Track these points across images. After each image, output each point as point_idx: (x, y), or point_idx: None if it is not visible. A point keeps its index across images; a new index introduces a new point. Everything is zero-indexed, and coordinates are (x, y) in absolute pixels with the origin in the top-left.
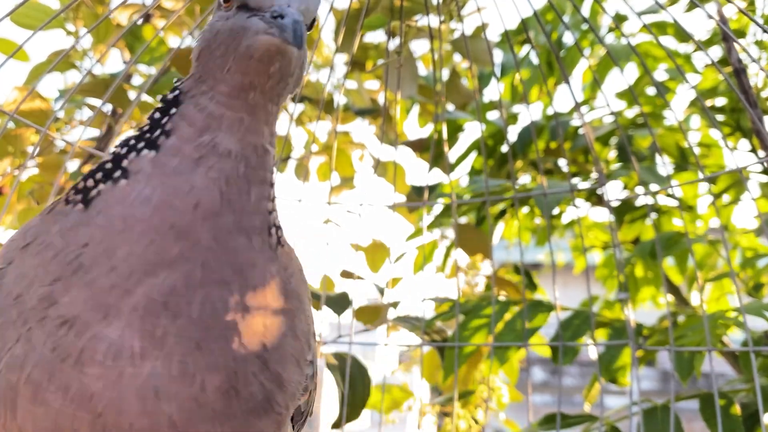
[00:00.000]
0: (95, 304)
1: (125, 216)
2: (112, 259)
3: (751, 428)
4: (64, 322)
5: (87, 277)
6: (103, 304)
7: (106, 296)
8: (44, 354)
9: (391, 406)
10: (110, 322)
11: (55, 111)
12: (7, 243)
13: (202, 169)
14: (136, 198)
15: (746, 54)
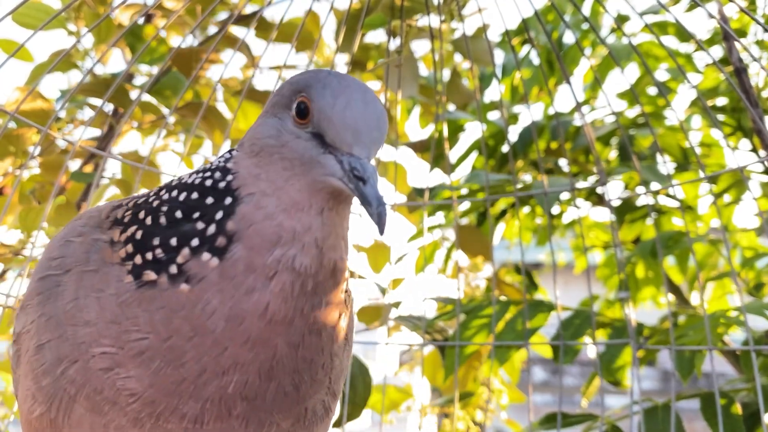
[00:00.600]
0: (163, 389)
1: (195, 325)
2: (181, 358)
3: (752, 428)
4: (131, 394)
5: (150, 364)
6: (174, 391)
7: (175, 386)
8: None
9: (391, 406)
10: (186, 401)
11: (57, 111)
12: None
13: (276, 286)
14: (203, 310)
15: (747, 53)
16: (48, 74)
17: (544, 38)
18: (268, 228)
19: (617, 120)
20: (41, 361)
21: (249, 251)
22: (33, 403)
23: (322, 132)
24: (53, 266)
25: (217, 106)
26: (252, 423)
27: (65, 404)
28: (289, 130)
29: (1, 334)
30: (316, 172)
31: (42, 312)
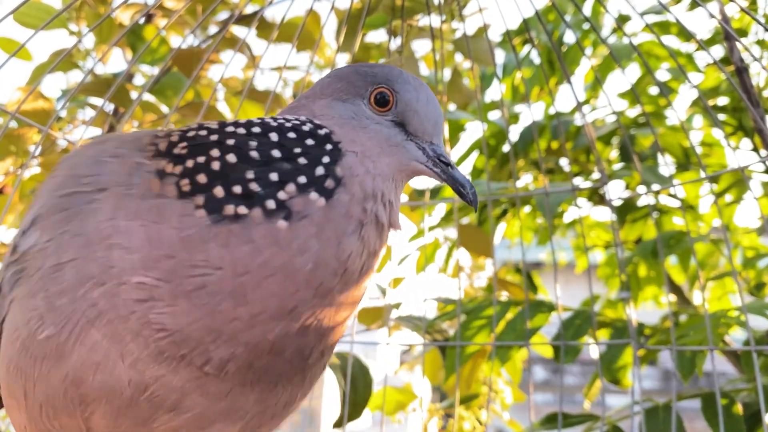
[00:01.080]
0: (205, 327)
1: (282, 264)
2: (246, 296)
3: (753, 428)
4: (162, 328)
5: (206, 300)
6: (213, 332)
7: (222, 325)
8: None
9: (393, 407)
10: (219, 345)
11: (58, 110)
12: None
13: (359, 236)
14: (299, 248)
15: (748, 53)
16: (49, 74)
17: (545, 38)
18: (367, 183)
19: (618, 120)
20: (59, 280)
21: (350, 198)
22: (40, 325)
23: (405, 122)
24: (83, 183)
25: (217, 106)
26: (265, 380)
27: (80, 327)
28: (368, 116)
29: None
30: (402, 156)
31: (66, 229)
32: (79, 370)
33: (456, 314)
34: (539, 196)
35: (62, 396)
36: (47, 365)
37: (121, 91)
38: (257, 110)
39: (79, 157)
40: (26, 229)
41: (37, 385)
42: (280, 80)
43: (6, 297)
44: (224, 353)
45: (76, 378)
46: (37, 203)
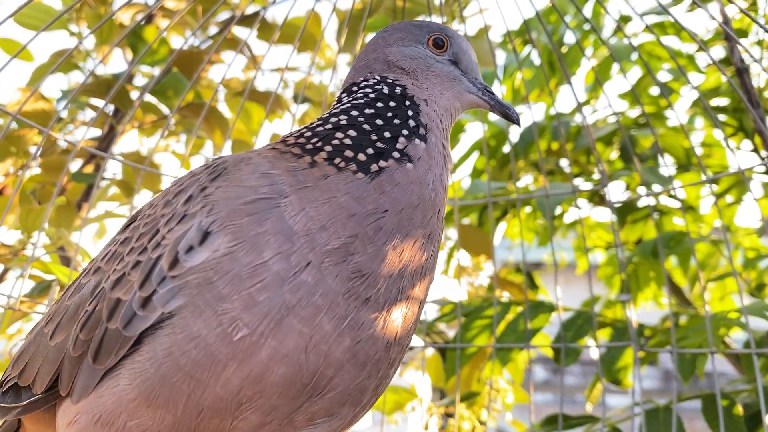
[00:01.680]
0: (389, 263)
1: (420, 194)
2: (407, 225)
3: (753, 429)
4: (360, 275)
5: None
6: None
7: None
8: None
9: (395, 407)
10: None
11: (58, 112)
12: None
13: (446, 166)
14: (424, 182)
15: (748, 54)
16: (50, 75)
17: (545, 39)
18: (439, 124)
19: (618, 120)
20: (259, 277)
21: (436, 138)
22: (234, 326)
23: (458, 61)
24: (262, 192)
25: (218, 107)
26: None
27: (276, 320)
28: (429, 55)
29: (2, 334)
30: (460, 87)
31: (260, 230)
32: (266, 365)
33: (456, 316)
34: (539, 197)
35: (232, 398)
36: (230, 367)
37: (122, 92)
38: (258, 111)
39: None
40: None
41: (209, 390)
42: (281, 81)
43: (155, 311)
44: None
45: (258, 375)
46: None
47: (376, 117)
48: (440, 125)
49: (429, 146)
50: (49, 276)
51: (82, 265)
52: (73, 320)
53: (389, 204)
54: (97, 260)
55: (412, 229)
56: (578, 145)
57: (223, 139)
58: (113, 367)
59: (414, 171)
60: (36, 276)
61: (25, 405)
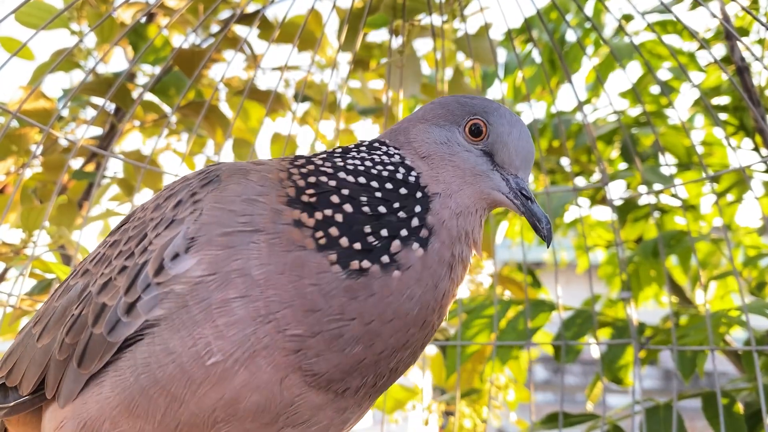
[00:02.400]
0: (344, 368)
1: (396, 309)
2: (374, 339)
3: (754, 427)
4: (313, 374)
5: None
6: (352, 368)
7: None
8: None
9: (396, 405)
10: (355, 377)
11: (59, 110)
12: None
13: (454, 275)
14: (408, 295)
15: (749, 52)
16: (50, 73)
17: (546, 37)
18: (453, 227)
19: (619, 119)
20: (229, 314)
21: (441, 245)
22: (207, 351)
23: (494, 152)
24: (240, 222)
25: (219, 106)
26: (378, 393)
27: (247, 355)
28: (459, 143)
29: (2, 334)
30: (485, 185)
31: (231, 268)
32: (238, 392)
33: (456, 313)
34: (540, 195)
35: (207, 415)
36: (205, 387)
37: (123, 91)
38: (258, 110)
39: (229, 192)
40: (179, 253)
41: (185, 406)
42: (281, 80)
43: (139, 317)
44: (358, 382)
45: (232, 399)
46: (186, 226)
47: (381, 202)
48: (454, 227)
49: (428, 253)
50: (50, 275)
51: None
52: (60, 323)
53: (356, 313)
54: (86, 262)
55: (379, 342)
56: (579, 143)
57: (223, 138)
58: (98, 372)
59: (398, 282)
60: (37, 275)
61: (12, 406)
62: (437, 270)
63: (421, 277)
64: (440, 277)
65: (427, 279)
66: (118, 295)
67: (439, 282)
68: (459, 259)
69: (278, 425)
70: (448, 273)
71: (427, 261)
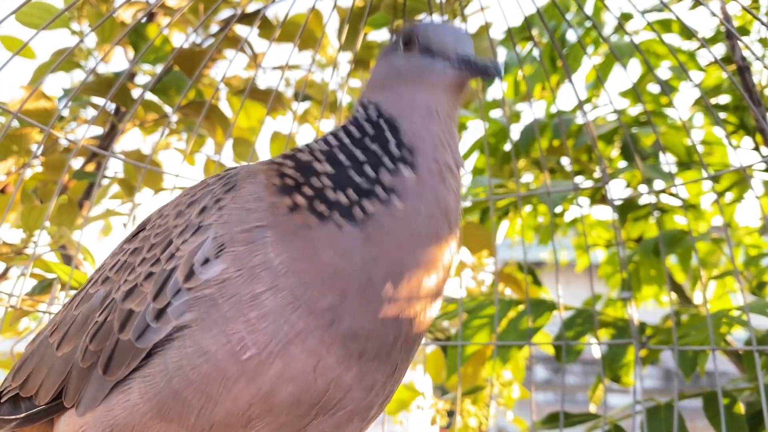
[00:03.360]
0: (378, 322)
1: (412, 232)
2: (401, 269)
3: (755, 427)
4: (354, 336)
5: (379, 290)
6: (384, 321)
7: (394, 304)
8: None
9: (395, 405)
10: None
11: (60, 110)
12: (258, 201)
13: (448, 185)
14: (417, 218)
15: (750, 51)
16: (51, 73)
17: (546, 36)
18: (426, 137)
19: (619, 118)
20: (259, 306)
21: (425, 159)
22: (242, 346)
23: (429, 46)
24: (254, 218)
25: (219, 105)
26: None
27: (281, 346)
28: (399, 57)
29: (4, 334)
30: (433, 74)
31: (254, 262)
32: (274, 384)
33: (457, 313)
34: (541, 194)
35: (243, 412)
36: (240, 384)
37: (123, 91)
38: (259, 109)
39: (244, 192)
40: (209, 258)
41: (220, 405)
42: (282, 79)
43: (170, 323)
44: (394, 335)
45: (268, 392)
46: (215, 231)
47: (357, 149)
48: (431, 133)
49: (421, 171)
50: (50, 274)
51: (84, 264)
52: (82, 331)
53: (377, 252)
54: (105, 269)
55: (405, 271)
56: (579, 142)
57: (224, 137)
58: (123, 379)
59: (403, 209)
60: (37, 275)
61: (24, 417)
62: (432, 185)
63: (420, 197)
64: (436, 190)
65: (427, 196)
66: (146, 301)
67: (439, 195)
68: (447, 166)
69: (311, 416)
70: (442, 183)
71: (421, 179)
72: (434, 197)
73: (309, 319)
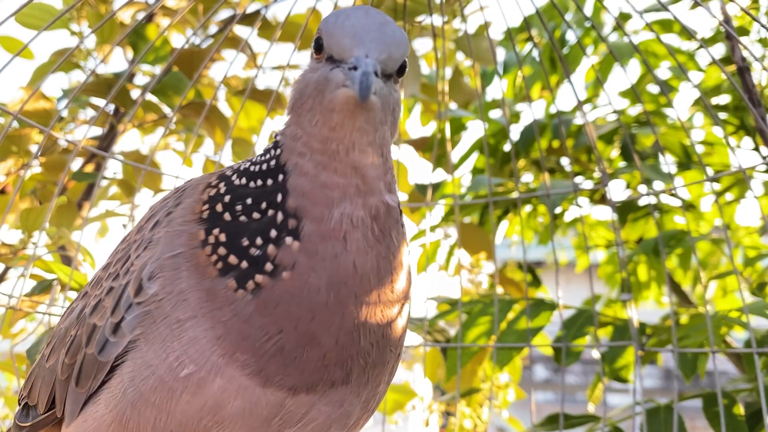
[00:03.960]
0: (305, 375)
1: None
2: (314, 339)
3: (754, 428)
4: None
5: (290, 357)
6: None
7: (317, 365)
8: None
9: (395, 406)
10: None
11: (59, 111)
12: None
13: (352, 245)
14: (309, 290)
15: (749, 52)
16: (51, 74)
17: (546, 36)
18: (318, 193)
19: (619, 118)
20: (187, 332)
21: (315, 223)
22: (180, 363)
23: (331, 52)
24: (178, 244)
25: (219, 106)
26: (379, 366)
27: (218, 366)
28: (310, 69)
29: (3, 334)
30: (329, 91)
31: (179, 288)
32: (219, 398)
33: (456, 313)
34: (541, 195)
35: (195, 424)
36: (186, 396)
37: (123, 91)
38: (259, 110)
39: (178, 212)
40: (151, 276)
41: (172, 416)
42: (282, 79)
43: (125, 336)
44: (340, 374)
45: (215, 405)
46: (155, 249)
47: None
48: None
49: (307, 240)
50: (50, 275)
51: (83, 264)
52: (62, 344)
53: (278, 326)
54: (88, 284)
55: (325, 335)
56: (579, 143)
57: (223, 138)
58: (96, 391)
59: (292, 282)
60: (37, 275)
61: (30, 424)
62: (325, 250)
63: (312, 267)
64: (334, 254)
65: (320, 264)
66: (106, 316)
67: (338, 259)
68: (350, 222)
69: (273, 428)
70: (344, 245)
71: (308, 248)
72: (329, 265)
73: (233, 358)
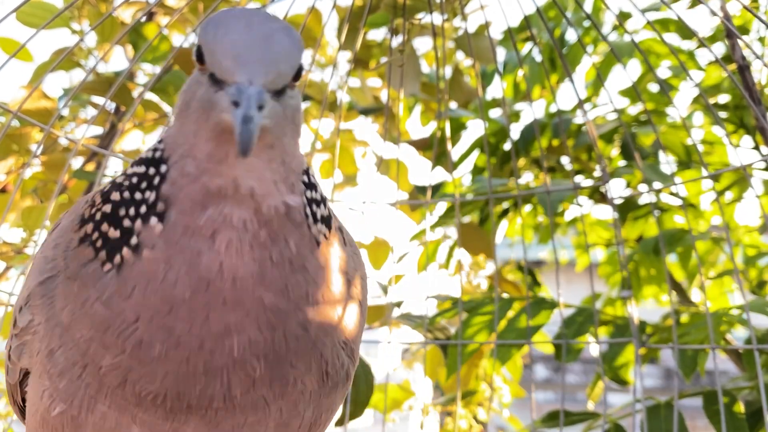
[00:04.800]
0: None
1: (166, 297)
2: (173, 335)
3: (755, 426)
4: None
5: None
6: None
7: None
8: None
9: (393, 405)
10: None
11: (59, 109)
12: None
13: (221, 245)
14: (166, 280)
15: (750, 50)
16: (51, 73)
17: (546, 35)
18: (194, 191)
19: (619, 117)
20: (55, 364)
21: (182, 215)
22: (51, 401)
23: (213, 70)
24: (48, 268)
25: None
26: (276, 382)
27: (87, 402)
28: (196, 80)
29: (3, 334)
30: (213, 114)
31: (47, 317)
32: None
33: (456, 312)
34: (541, 193)
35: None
36: (68, 429)
37: (123, 90)
38: None
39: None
40: (22, 306)
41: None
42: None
43: (16, 365)
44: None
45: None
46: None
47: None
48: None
49: (170, 227)
50: None
51: None
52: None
53: (134, 312)
54: None
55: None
56: (579, 142)
57: None
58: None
59: (150, 265)
60: None
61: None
62: (187, 243)
63: (169, 256)
64: (197, 250)
65: (179, 256)
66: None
67: (201, 255)
68: (227, 222)
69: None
70: (210, 243)
71: (169, 236)
72: (189, 260)
73: (99, 378)
